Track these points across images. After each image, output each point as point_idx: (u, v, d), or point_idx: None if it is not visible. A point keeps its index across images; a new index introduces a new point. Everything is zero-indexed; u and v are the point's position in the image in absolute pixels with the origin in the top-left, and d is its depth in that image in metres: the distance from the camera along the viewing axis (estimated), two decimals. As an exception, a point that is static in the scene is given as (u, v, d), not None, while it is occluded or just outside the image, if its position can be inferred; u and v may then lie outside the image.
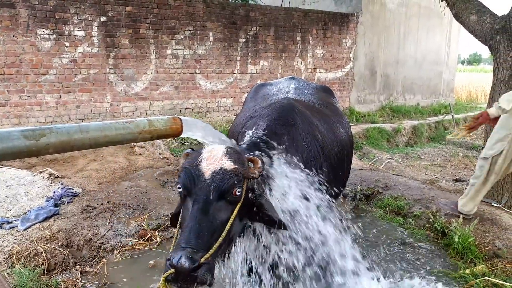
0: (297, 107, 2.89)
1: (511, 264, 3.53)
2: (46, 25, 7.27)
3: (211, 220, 1.85)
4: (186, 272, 1.68)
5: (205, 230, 1.82)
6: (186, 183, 1.94)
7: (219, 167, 1.92)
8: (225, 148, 2.03)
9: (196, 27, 8.80)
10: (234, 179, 1.90)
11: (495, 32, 4.55)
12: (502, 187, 4.64)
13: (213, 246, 1.80)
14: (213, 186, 1.88)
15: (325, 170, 2.78)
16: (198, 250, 1.74)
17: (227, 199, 1.91)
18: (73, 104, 7.76)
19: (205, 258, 1.73)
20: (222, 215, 1.90)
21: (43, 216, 4.01)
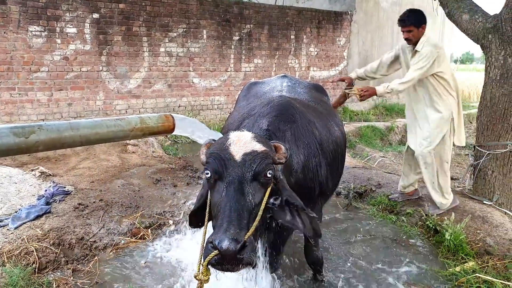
0: (294, 104, 2.90)
1: (502, 261, 3.56)
2: (37, 22, 7.21)
3: (247, 201, 1.84)
4: (232, 255, 1.64)
5: (244, 209, 1.80)
6: (216, 167, 1.91)
7: (250, 149, 1.92)
8: (253, 134, 2.05)
9: (189, 25, 8.77)
10: (266, 161, 1.91)
11: (487, 31, 4.57)
12: (493, 186, 4.66)
13: (252, 225, 1.78)
14: (246, 167, 1.88)
15: (324, 166, 2.81)
16: (240, 230, 1.71)
17: (260, 180, 1.90)
18: (65, 101, 7.71)
19: (248, 236, 1.70)
20: (257, 196, 1.89)
21: (35, 215, 3.98)
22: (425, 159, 4.40)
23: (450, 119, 4.33)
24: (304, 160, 2.61)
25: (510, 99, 4.48)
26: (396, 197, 4.92)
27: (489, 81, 4.65)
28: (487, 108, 4.66)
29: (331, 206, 4.96)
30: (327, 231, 4.32)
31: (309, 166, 2.65)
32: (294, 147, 2.56)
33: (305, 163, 2.61)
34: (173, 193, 4.98)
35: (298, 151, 2.58)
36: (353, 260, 3.78)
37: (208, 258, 1.66)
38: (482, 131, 4.76)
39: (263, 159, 1.90)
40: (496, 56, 4.53)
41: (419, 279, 3.51)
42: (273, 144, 2.08)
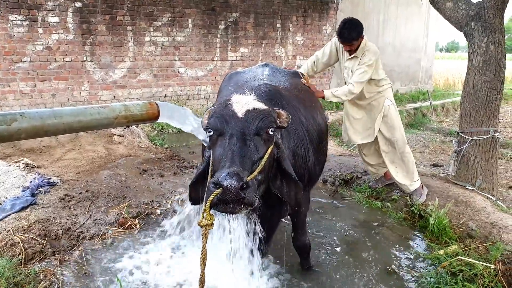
0: (280, 91, 2.92)
1: (484, 244, 3.65)
2: (18, 11, 7.05)
3: (250, 151, 1.89)
4: (234, 190, 1.64)
5: (247, 156, 1.84)
6: (217, 125, 1.96)
7: (252, 107, 2.00)
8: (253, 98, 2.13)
9: (174, 14, 8.67)
10: (268, 118, 1.98)
11: (470, 19, 4.62)
12: (476, 171, 4.76)
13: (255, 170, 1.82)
14: (249, 122, 1.94)
15: (311, 152, 2.86)
16: (242, 170, 1.73)
17: (261, 136, 1.96)
18: (49, 92, 7.59)
19: (251, 178, 1.73)
20: (259, 150, 1.95)
21: (20, 206, 3.93)
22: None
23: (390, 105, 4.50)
24: (294, 146, 2.65)
25: (492, 86, 4.57)
26: (376, 184, 5.00)
27: (472, 68, 4.71)
28: (470, 95, 4.73)
29: (318, 194, 5.01)
30: (314, 218, 4.37)
31: (298, 152, 2.69)
32: (285, 132, 2.58)
33: (295, 149, 2.65)
34: (160, 183, 4.97)
35: (288, 137, 2.62)
36: (339, 246, 3.84)
37: (211, 197, 1.66)
38: (465, 118, 4.84)
39: (265, 116, 1.98)
40: (479, 43, 4.59)
41: (404, 263, 3.59)
42: (276, 109, 2.16)
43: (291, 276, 3.29)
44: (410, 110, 11.79)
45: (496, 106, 4.66)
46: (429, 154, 8.37)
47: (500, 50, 4.54)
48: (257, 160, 1.91)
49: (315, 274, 3.36)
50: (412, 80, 14.48)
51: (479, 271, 3.23)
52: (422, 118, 11.67)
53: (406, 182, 4.54)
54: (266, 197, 2.49)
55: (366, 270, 3.47)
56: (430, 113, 12.03)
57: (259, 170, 1.86)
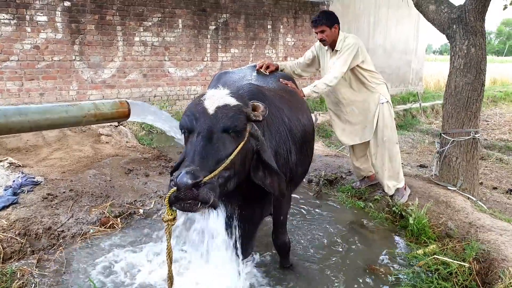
0: (263, 91, 2.94)
1: (461, 244, 3.69)
2: (6, 10, 7.04)
3: (215, 149, 1.90)
4: (187, 188, 1.67)
5: (209, 155, 1.86)
6: (187, 123, 2.00)
7: (222, 103, 2.00)
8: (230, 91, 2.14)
9: (164, 14, 8.69)
10: (238, 115, 1.98)
11: (451, 22, 4.68)
12: (458, 172, 4.81)
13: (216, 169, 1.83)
14: (216, 119, 1.95)
15: (294, 153, 2.87)
16: (201, 169, 1.76)
17: (230, 133, 1.97)
18: (37, 91, 7.58)
19: (209, 178, 1.75)
20: (227, 147, 1.96)
21: (0, 206, 3.93)
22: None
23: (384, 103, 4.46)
24: (276, 145, 2.67)
25: (473, 88, 4.63)
26: (359, 185, 5.04)
27: (453, 70, 4.77)
28: (452, 97, 4.79)
29: (302, 193, 5.04)
30: (296, 218, 4.41)
31: (280, 152, 2.71)
32: (267, 132, 2.60)
33: (276, 148, 2.67)
34: (144, 182, 4.99)
35: (270, 136, 2.63)
36: (320, 245, 3.87)
37: (168, 194, 1.70)
38: (447, 119, 4.90)
39: (235, 113, 1.98)
40: (460, 46, 4.65)
41: (383, 263, 3.63)
42: (252, 103, 2.16)
43: (271, 275, 3.32)
44: (400, 111, 11.88)
45: (477, 107, 4.72)
46: (417, 155, 8.44)
47: (481, 52, 4.60)
48: (224, 158, 1.92)
49: (295, 273, 3.39)
50: (403, 81, 14.58)
51: (454, 270, 3.27)
52: (411, 119, 11.76)
53: (391, 183, 4.57)
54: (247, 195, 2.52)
55: (345, 268, 3.50)
56: (419, 114, 12.12)
57: (222, 168, 1.87)
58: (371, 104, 4.45)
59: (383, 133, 4.48)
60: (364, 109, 4.48)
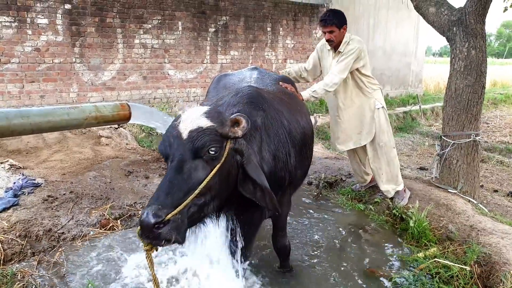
0: (262, 94, 2.93)
1: (462, 247, 3.69)
2: (7, 12, 7.05)
3: (184, 179, 1.85)
4: (149, 228, 1.69)
5: (176, 188, 1.82)
6: (162, 150, 1.96)
7: (195, 126, 1.92)
8: (207, 107, 2.04)
9: (164, 16, 8.70)
10: (208, 137, 1.90)
11: (452, 24, 4.69)
12: (458, 174, 4.81)
13: (182, 203, 1.79)
14: (188, 144, 1.88)
15: (293, 156, 2.84)
16: (164, 207, 1.74)
17: (203, 157, 1.90)
18: (38, 94, 7.58)
19: (172, 215, 1.73)
20: (199, 174, 1.89)
21: (1, 207, 3.93)
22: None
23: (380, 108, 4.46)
24: (275, 149, 2.64)
25: (473, 90, 4.63)
26: (359, 187, 5.04)
27: (454, 73, 4.77)
28: (452, 99, 4.79)
29: (301, 196, 5.04)
30: (296, 220, 4.40)
31: (279, 155, 2.68)
32: (265, 135, 2.58)
33: (275, 152, 2.64)
34: (144, 184, 4.98)
35: (269, 140, 2.61)
36: (320, 248, 3.87)
37: (137, 230, 1.74)
38: (448, 122, 4.89)
39: (205, 135, 1.90)
40: (460, 48, 4.66)
41: (383, 266, 3.62)
42: (234, 117, 2.04)
43: (271, 278, 3.32)
44: (400, 113, 11.89)
45: (478, 110, 4.72)
46: (417, 158, 8.44)
47: (481, 55, 4.60)
48: (195, 186, 1.87)
49: (295, 276, 3.39)
50: (402, 84, 14.60)
51: (455, 273, 3.27)
52: (411, 122, 11.77)
53: (389, 187, 4.57)
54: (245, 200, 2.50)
55: (345, 271, 3.50)
56: (419, 117, 12.13)
57: (191, 199, 1.83)
58: (367, 109, 4.46)
59: (380, 138, 4.49)
60: (359, 114, 4.49)
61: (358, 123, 4.50)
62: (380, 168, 4.54)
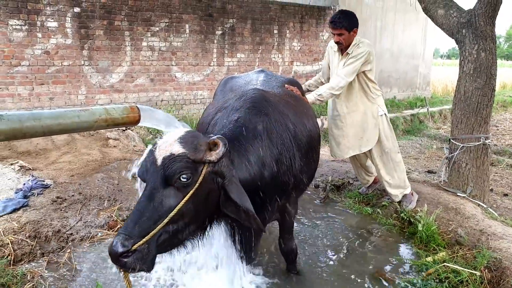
0: (267, 97, 2.93)
1: (471, 251, 3.66)
2: (17, 16, 7.12)
3: (155, 207, 1.85)
4: (116, 257, 1.74)
5: (145, 217, 1.82)
6: (140, 175, 1.98)
7: (168, 153, 1.91)
8: (183, 132, 2.02)
9: (172, 19, 8.74)
10: (179, 164, 1.88)
11: (461, 26, 4.66)
12: (467, 178, 4.77)
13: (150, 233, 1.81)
14: (160, 171, 1.88)
15: (298, 159, 2.82)
16: (130, 237, 1.77)
17: (174, 185, 1.89)
18: (47, 96, 7.64)
19: (138, 245, 1.76)
20: (170, 201, 1.89)
21: (11, 208, 3.97)
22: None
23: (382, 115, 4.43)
24: (278, 154, 2.61)
25: (483, 93, 4.59)
26: (366, 190, 5.02)
27: (463, 75, 4.74)
28: (461, 102, 4.76)
29: (308, 199, 5.03)
30: (303, 223, 4.39)
31: (282, 159, 2.65)
32: (267, 140, 2.56)
33: (278, 157, 2.61)
34: (152, 186, 5.00)
35: (271, 145, 2.58)
36: (327, 251, 3.86)
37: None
38: (457, 124, 4.86)
39: (176, 162, 1.88)
40: (470, 50, 4.62)
41: (391, 270, 3.60)
42: (213, 140, 2.02)
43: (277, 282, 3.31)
44: (407, 116, 11.81)
45: (487, 113, 4.68)
46: (425, 161, 8.38)
47: (491, 57, 4.57)
48: (165, 215, 1.87)
49: (302, 280, 3.38)
50: (410, 86, 14.52)
51: (465, 278, 3.24)
52: (419, 124, 11.68)
53: (397, 191, 4.54)
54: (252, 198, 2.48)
55: (353, 275, 3.48)
56: (427, 119, 12.05)
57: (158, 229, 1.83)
58: (370, 115, 4.42)
59: (384, 145, 4.47)
60: (362, 120, 4.43)
61: (360, 129, 4.45)
62: (389, 174, 4.52)
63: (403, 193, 4.54)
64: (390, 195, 4.58)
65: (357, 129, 4.46)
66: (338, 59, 4.31)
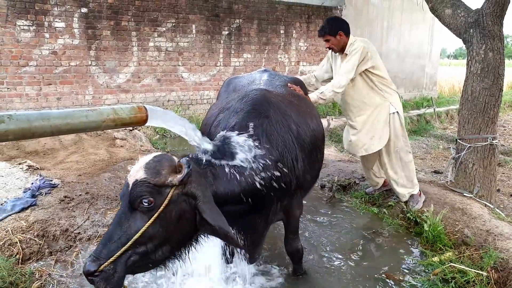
0: (269, 97, 2.92)
1: (478, 252, 3.64)
2: (25, 16, 7.20)
3: (124, 230, 1.95)
4: (87, 275, 1.88)
5: (113, 240, 1.93)
6: (120, 197, 2.11)
7: (134, 179, 2.01)
8: (153, 157, 2.11)
9: (178, 20, 8.78)
10: (140, 189, 1.96)
11: (468, 26, 4.63)
12: (474, 178, 4.74)
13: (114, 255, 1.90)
14: (127, 196, 1.99)
15: (301, 160, 2.80)
16: (99, 258, 1.89)
17: (138, 209, 1.97)
18: (54, 96, 7.72)
19: (104, 266, 1.87)
20: (136, 225, 1.96)
21: (20, 207, 4.01)
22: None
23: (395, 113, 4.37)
24: (278, 156, 2.59)
25: (490, 93, 4.56)
26: (372, 190, 5.00)
27: (470, 75, 4.71)
28: (468, 102, 4.73)
29: (314, 199, 5.03)
30: (309, 223, 4.40)
31: (284, 161, 2.63)
32: (267, 143, 2.54)
33: (279, 158, 2.59)
34: (159, 186, 5.02)
35: (271, 148, 2.56)
36: (334, 251, 3.85)
37: None
38: (464, 125, 4.83)
39: (137, 188, 1.97)
40: (477, 50, 4.60)
41: (398, 270, 3.59)
42: (178, 163, 2.09)
43: (283, 283, 3.31)
44: (414, 116, 11.77)
45: (495, 113, 4.65)
46: (431, 161, 8.34)
47: (499, 57, 4.54)
48: (130, 238, 1.94)
49: (308, 280, 3.38)
50: (416, 86, 14.46)
51: (471, 278, 3.22)
52: (425, 124, 11.64)
53: (405, 191, 4.52)
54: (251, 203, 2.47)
55: (359, 275, 3.48)
56: (434, 119, 11.99)
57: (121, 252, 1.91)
58: (380, 113, 4.36)
59: (395, 144, 4.43)
60: (372, 118, 4.38)
61: (371, 127, 4.40)
62: (396, 173, 4.49)
63: (411, 193, 4.52)
64: (398, 194, 4.56)
65: (368, 128, 4.41)
66: (339, 60, 4.34)
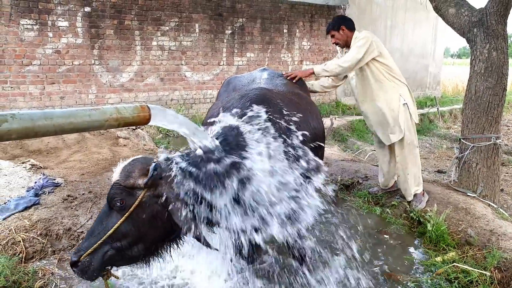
0: (269, 96, 2.92)
1: (481, 251, 3.63)
2: (29, 15, 7.22)
3: (103, 227, 2.14)
4: (71, 267, 2.11)
5: (94, 234, 2.14)
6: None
7: (112, 180, 2.21)
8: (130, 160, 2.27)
9: (181, 19, 8.78)
10: (113, 190, 2.16)
11: (472, 25, 4.62)
12: (477, 178, 4.73)
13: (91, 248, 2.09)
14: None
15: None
16: (80, 250, 2.10)
17: (114, 208, 2.16)
18: (58, 95, 7.73)
19: (83, 257, 2.08)
20: (112, 222, 2.14)
21: (23, 206, 4.02)
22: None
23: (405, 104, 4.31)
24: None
25: (494, 92, 4.55)
26: (376, 190, 4.99)
27: (474, 75, 4.70)
28: (472, 101, 4.71)
29: (317, 198, 5.01)
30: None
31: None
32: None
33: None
34: (162, 185, 5.03)
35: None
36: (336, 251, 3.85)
37: None
38: (467, 124, 4.82)
39: (112, 189, 2.17)
40: (481, 49, 4.58)
41: (400, 269, 3.58)
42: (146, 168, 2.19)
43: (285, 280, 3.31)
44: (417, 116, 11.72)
45: (498, 112, 4.64)
46: (434, 161, 8.32)
47: (503, 56, 4.52)
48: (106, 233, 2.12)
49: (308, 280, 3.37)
50: (420, 85, 14.41)
51: (475, 278, 3.21)
52: (429, 124, 11.60)
53: (412, 187, 4.48)
54: None
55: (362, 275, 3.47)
56: (437, 119, 11.95)
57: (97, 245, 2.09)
58: (391, 103, 4.30)
59: (406, 135, 4.36)
60: (384, 109, 4.32)
61: (383, 118, 4.34)
62: (406, 167, 4.45)
63: (416, 192, 4.50)
64: (405, 191, 4.53)
65: (381, 118, 4.37)
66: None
